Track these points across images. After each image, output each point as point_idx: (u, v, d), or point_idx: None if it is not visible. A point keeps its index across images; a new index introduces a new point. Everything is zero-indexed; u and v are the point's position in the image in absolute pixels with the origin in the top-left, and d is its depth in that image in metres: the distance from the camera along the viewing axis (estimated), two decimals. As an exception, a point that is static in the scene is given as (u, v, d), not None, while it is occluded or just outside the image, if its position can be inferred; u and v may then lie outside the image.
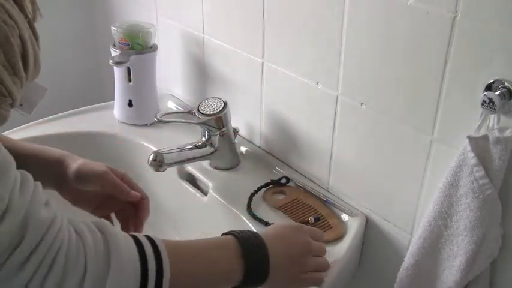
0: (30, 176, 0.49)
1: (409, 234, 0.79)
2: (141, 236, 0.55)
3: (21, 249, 0.46)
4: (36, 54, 0.50)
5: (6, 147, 0.60)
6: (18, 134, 1.03)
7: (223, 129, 0.94)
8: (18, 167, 0.50)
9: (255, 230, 0.73)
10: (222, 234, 0.64)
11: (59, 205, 0.53)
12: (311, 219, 0.83)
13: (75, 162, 0.71)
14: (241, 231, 0.63)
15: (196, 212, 0.95)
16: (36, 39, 0.53)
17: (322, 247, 0.71)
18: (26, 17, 0.49)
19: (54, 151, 0.74)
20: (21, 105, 0.60)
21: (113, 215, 0.76)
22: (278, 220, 0.84)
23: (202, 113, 0.93)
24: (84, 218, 0.55)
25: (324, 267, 0.70)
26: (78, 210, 0.74)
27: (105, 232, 0.52)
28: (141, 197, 0.73)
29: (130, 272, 0.50)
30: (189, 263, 0.57)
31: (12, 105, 0.48)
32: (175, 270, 0.53)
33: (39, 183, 0.50)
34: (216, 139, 0.95)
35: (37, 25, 0.53)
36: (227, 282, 0.60)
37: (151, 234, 0.56)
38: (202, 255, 0.59)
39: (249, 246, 0.61)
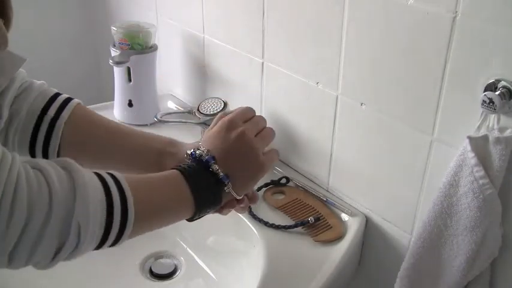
0: None
1: (409, 234, 0.79)
2: (102, 172, 0.53)
3: None
4: None
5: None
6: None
7: (223, 129, 0.94)
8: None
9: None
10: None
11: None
12: (311, 219, 0.83)
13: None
14: (185, 164, 0.62)
15: (196, 212, 0.95)
16: (2, 5, 0.50)
17: (258, 120, 0.68)
18: None
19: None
20: None
21: None
22: (278, 220, 0.84)
23: (202, 113, 0.93)
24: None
25: (270, 136, 0.68)
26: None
27: (68, 167, 0.50)
28: None
29: (97, 204, 0.49)
30: (148, 191, 0.56)
31: None
32: (137, 198, 0.53)
33: None
34: (216, 139, 0.95)
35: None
36: (181, 209, 0.59)
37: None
38: (154, 183, 0.58)
39: (193, 177, 0.60)
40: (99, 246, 0.51)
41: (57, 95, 0.68)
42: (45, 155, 0.66)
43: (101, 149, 0.70)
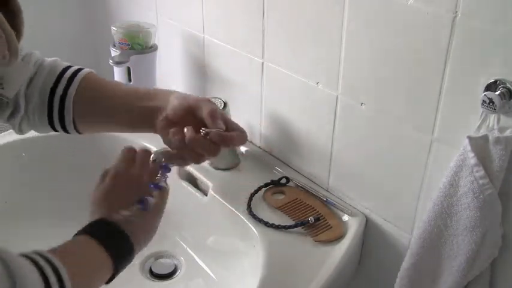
0: None
1: (409, 234, 0.79)
2: (31, 254, 0.51)
3: None
4: (8, 34, 0.49)
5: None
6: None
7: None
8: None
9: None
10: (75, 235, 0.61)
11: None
12: (311, 219, 0.83)
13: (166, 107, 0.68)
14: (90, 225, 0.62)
15: (196, 212, 0.95)
16: (13, 17, 0.51)
17: (141, 157, 0.68)
18: None
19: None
20: (2, 88, 0.59)
21: None
22: (278, 220, 0.84)
23: (202, 113, 0.93)
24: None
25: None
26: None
27: (4, 257, 0.47)
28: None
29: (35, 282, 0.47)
30: (76, 267, 0.55)
31: None
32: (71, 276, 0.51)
33: None
34: (216, 139, 0.95)
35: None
36: (104, 269, 0.59)
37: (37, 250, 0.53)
38: (80, 258, 0.57)
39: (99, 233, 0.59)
40: None
41: (65, 70, 0.70)
42: (64, 128, 0.71)
43: (107, 117, 0.71)
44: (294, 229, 0.82)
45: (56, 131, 0.72)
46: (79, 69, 0.71)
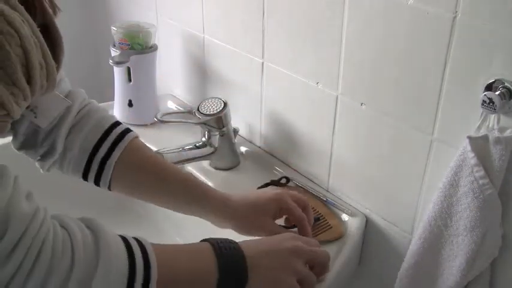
0: (9, 170, 0.48)
1: (409, 234, 0.79)
2: (127, 236, 0.54)
3: (4, 242, 0.44)
4: (50, 65, 0.49)
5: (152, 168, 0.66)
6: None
7: (223, 129, 0.94)
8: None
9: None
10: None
11: (42, 200, 0.52)
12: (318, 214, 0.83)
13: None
14: (218, 239, 0.62)
15: (196, 212, 0.95)
16: (55, 47, 0.51)
17: (318, 253, 0.68)
18: (36, 20, 0.47)
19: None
20: (35, 117, 0.59)
21: None
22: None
23: (202, 113, 0.93)
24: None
25: (315, 278, 0.66)
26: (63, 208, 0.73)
27: (94, 228, 0.51)
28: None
29: (119, 270, 0.49)
30: (173, 262, 0.57)
31: (10, 116, 0.46)
32: (161, 270, 0.53)
33: (18, 176, 0.49)
34: (216, 139, 0.95)
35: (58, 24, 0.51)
36: (205, 282, 0.58)
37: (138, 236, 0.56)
38: (182, 255, 0.58)
39: (222, 249, 0.59)
40: None
41: (112, 127, 0.69)
42: (97, 185, 0.69)
43: (148, 194, 0.71)
44: (294, 229, 0.82)
45: (86, 180, 0.70)
46: (127, 131, 0.70)
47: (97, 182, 0.69)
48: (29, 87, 0.46)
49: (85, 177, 0.69)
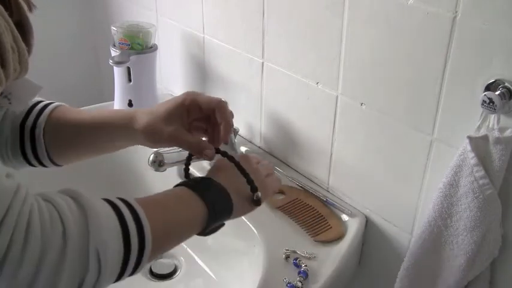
0: None
1: (409, 234, 0.79)
2: (111, 197, 0.54)
3: None
4: (21, 48, 0.49)
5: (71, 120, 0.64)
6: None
7: (223, 129, 0.94)
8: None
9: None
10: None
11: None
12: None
13: (142, 119, 0.67)
14: (189, 180, 0.63)
15: (196, 212, 0.95)
16: (25, 33, 0.51)
17: (269, 165, 0.71)
18: (7, 10, 0.47)
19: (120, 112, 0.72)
20: (10, 103, 0.60)
21: None
22: (278, 220, 0.84)
23: (202, 113, 0.93)
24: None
25: (277, 183, 0.70)
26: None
27: (77, 197, 0.50)
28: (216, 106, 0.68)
29: (112, 230, 0.49)
30: (161, 210, 0.57)
31: None
32: (151, 220, 0.53)
33: None
34: (216, 139, 0.95)
35: (32, 17, 0.52)
36: (196, 222, 0.59)
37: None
38: (168, 202, 0.59)
39: (200, 186, 0.61)
40: (120, 274, 0.52)
41: (38, 102, 0.70)
42: (38, 160, 0.69)
43: (77, 146, 0.71)
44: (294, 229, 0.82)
45: (31, 165, 0.70)
46: (50, 103, 0.71)
47: (35, 154, 0.69)
48: (3, 71, 0.47)
49: (25, 156, 0.69)
